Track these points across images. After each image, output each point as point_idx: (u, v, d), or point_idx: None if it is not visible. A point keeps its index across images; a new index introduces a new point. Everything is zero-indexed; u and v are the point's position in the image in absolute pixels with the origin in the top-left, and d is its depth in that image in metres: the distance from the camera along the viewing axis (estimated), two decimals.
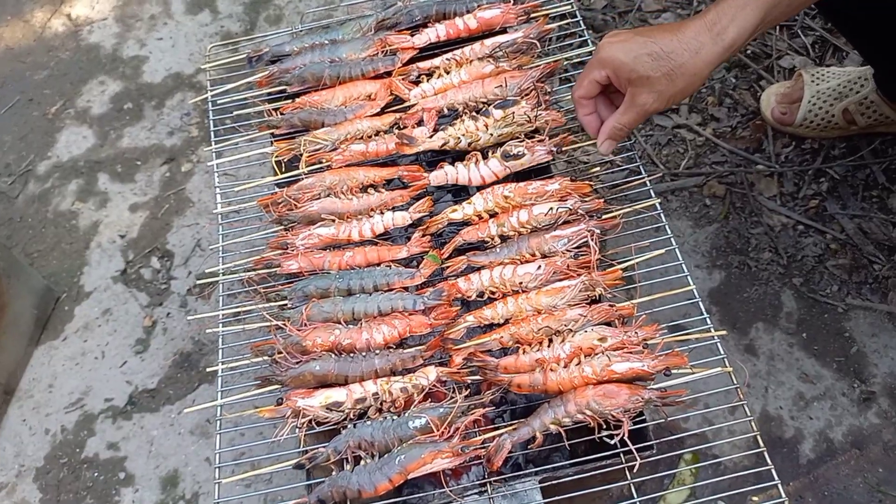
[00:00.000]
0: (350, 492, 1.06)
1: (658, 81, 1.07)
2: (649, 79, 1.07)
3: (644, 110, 1.12)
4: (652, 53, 1.06)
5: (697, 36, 1.04)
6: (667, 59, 1.05)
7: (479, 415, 1.11)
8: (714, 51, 1.04)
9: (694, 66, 1.05)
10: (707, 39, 1.04)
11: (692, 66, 1.05)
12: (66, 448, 1.70)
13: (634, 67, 1.07)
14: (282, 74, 1.49)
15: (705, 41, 1.04)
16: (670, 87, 1.07)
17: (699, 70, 1.06)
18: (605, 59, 1.12)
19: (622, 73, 1.10)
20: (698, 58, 1.04)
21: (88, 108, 2.29)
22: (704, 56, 1.04)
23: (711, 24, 1.04)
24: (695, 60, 1.05)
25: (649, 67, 1.06)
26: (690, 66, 1.05)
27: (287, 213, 1.34)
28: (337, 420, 1.13)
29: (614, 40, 1.11)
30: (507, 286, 1.22)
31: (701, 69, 1.06)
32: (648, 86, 1.08)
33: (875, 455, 1.49)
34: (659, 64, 1.06)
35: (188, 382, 1.74)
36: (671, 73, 1.06)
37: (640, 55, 1.07)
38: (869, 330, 1.62)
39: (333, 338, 1.19)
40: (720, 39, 1.03)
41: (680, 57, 1.05)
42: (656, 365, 1.09)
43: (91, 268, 1.97)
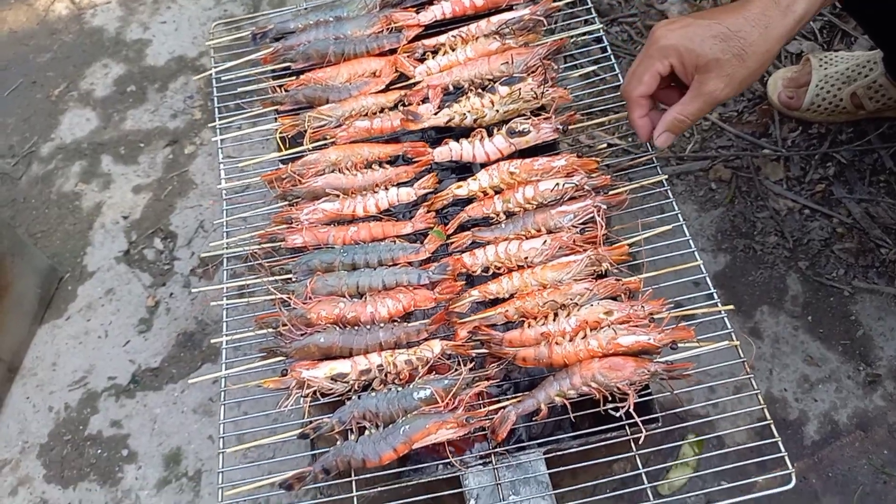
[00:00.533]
0: (355, 461, 1.06)
1: (728, 63, 0.99)
2: (719, 62, 0.99)
3: (713, 98, 1.03)
4: (718, 35, 0.98)
5: (765, 11, 0.97)
6: (736, 38, 0.98)
7: (483, 387, 1.11)
8: (785, 24, 0.97)
9: (765, 44, 0.97)
10: (776, 14, 0.96)
11: (763, 43, 0.97)
12: (70, 425, 1.70)
13: (702, 52, 0.99)
14: (286, 51, 1.48)
15: (774, 16, 0.96)
16: (742, 68, 0.99)
17: (770, 47, 0.98)
18: (668, 48, 1.03)
19: (689, 60, 1.01)
20: (768, 33, 0.97)
21: (92, 91, 2.28)
22: (774, 31, 0.97)
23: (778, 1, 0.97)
24: (765, 37, 0.97)
25: (718, 49, 0.98)
26: (761, 43, 0.97)
27: (291, 188, 1.33)
28: (341, 391, 1.13)
29: (674, 27, 1.03)
30: (512, 261, 1.22)
31: (772, 46, 0.98)
32: (718, 69, 1.00)
33: (880, 437, 1.48)
34: (728, 45, 0.98)
35: (191, 361, 1.74)
36: (742, 52, 0.98)
37: (705, 38, 0.99)
38: (875, 313, 1.61)
39: (338, 311, 1.19)
40: (790, 12, 0.96)
41: (749, 35, 0.97)
42: (662, 338, 1.08)
43: (94, 248, 1.97)
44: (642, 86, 1.08)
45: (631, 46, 2.06)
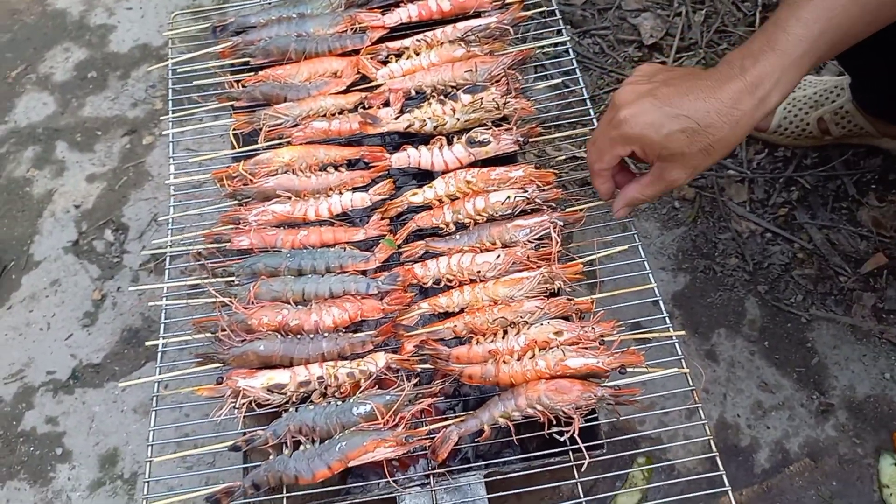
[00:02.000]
0: (287, 477, 1.02)
1: (693, 157, 0.96)
2: (684, 155, 0.96)
3: (674, 185, 1.01)
4: (686, 129, 0.94)
5: (738, 104, 0.91)
6: (704, 134, 0.93)
7: (426, 404, 1.07)
8: (755, 117, 0.92)
9: (733, 137, 0.94)
10: (749, 107, 0.91)
11: (731, 137, 0.94)
12: (3, 420, 1.63)
13: (666, 145, 0.96)
14: (246, 46, 1.44)
15: (746, 109, 0.91)
16: (706, 161, 0.97)
17: (737, 139, 0.95)
18: (632, 137, 0.99)
19: (652, 151, 0.99)
20: (738, 128, 0.93)
21: (51, 75, 2.21)
22: (744, 125, 0.92)
23: (753, 88, 0.90)
24: (734, 131, 0.93)
25: (684, 144, 0.95)
26: (730, 138, 0.94)
27: (242, 187, 1.29)
28: (279, 403, 1.09)
29: (637, 111, 0.98)
30: (464, 274, 1.19)
31: (739, 138, 0.95)
32: (682, 162, 0.97)
33: (830, 468, 1.48)
34: (694, 140, 0.94)
35: (135, 359, 1.68)
36: (708, 148, 0.94)
37: (672, 132, 0.95)
38: (831, 342, 1.60)
39: (281, 318, 1.15)
40: (763, 105, 0.91)
41: (719, 131, 0.93)
42: (611, 362, 1.06)
43: (42, 237, 1.90)
44: (602, 163, 1.07)
45: (602, 59, 2.04)
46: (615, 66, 2.03)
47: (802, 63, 0.90)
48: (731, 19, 2.07)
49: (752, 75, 0.90)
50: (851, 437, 1.50)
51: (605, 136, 1.04)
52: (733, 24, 2.06)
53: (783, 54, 0.89)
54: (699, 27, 2.06)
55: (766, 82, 0.90)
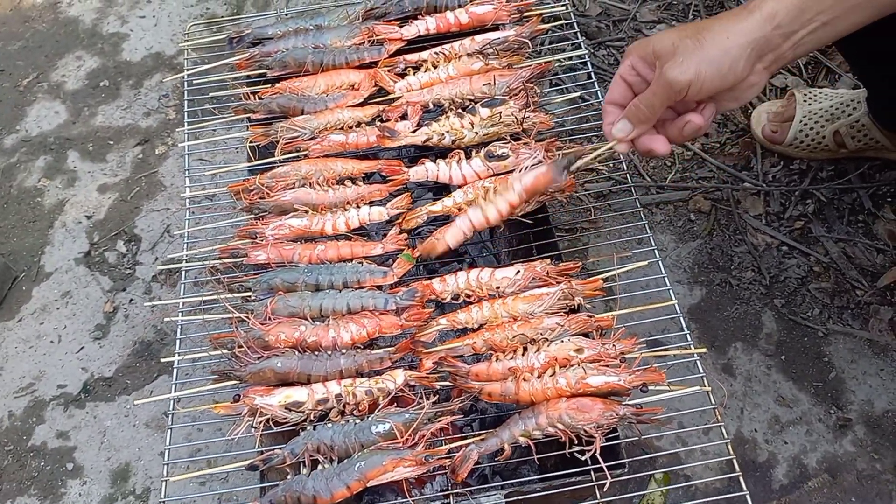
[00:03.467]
0: (305, 497, 1.00)
1: (684, 46, 0.94)
2: (674, 46, 0.95)
3: (674, 84, 0.95)
4: (680, 30, 0.97)
5: (732, 13, 0.94)
6: (695, 29, 0.95)
7: (446, 423, 1.06)
8: (749, 20, 0.92)
9: (725, 32, 0.92)
10: (740, 11, 0.93)
11: (722, 32, 0.92)
12: (13, 435, 1.62)
13: (659, 41, 0.97)
14: (263, 58, 1.43)
15: (738, 13, 0.93)
16: (698, 50, 0.93)
17: (732, 38, 0.92)
18: (630, 49, 1.02)
19: (648, 52, 0.99)
20: (728, 25, 0.92)
21: (63, 83, 2.21)
22: (737, 26, 0.92)
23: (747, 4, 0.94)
24: (725, 27, 0.92)
25: (676, 37, 0.95)
26: (720, 31, 0.93)
27: (259, 201, 1.28)
28: (296, 421, 1.07)
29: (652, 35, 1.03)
30: (483, 290, 1.18)
31: (734, 38, 0.92)
32: (672, 54, 0.95)
33: (848, 483, 1.46)
34: (686, 33, 0.95)
35: (147, 372, 1.67)
36: (697, 35, 0.93)
37: (666, 34, 0.98)
38: (848, 356, 1.59)
39: (298, 334, 1.13)
40: (755, 9, 0.92)
41: (709, 24, 0.94)
42: (633, 380, 1.04)
43: (53, 248, 1.89)
44: (609, 93, 1.07)
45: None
46: None
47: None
48: None
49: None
50: (870, 453, 1.49)
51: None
52: None
53: None
54: None
55: None
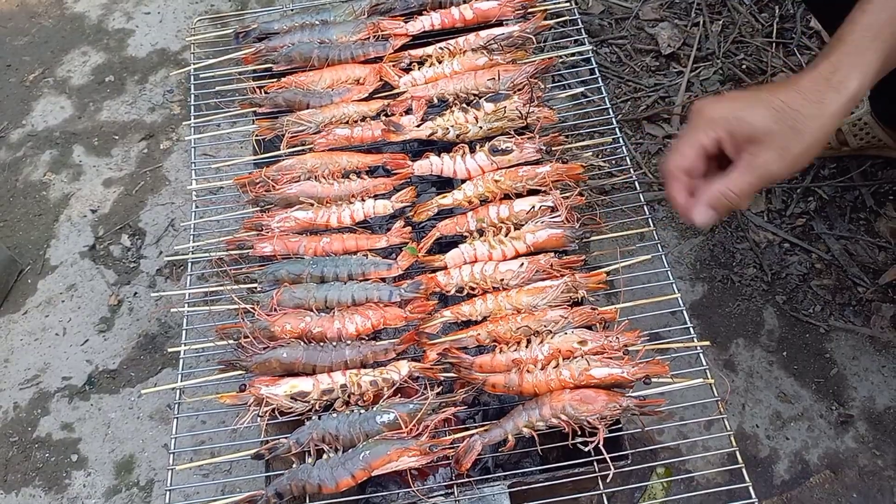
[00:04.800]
0: (310, 486, 1.01)
1: (783, 135, 0.88)
2: (772, 132, 0.89)
3: (767, 172, 0.90)
4: (771, 107, 0.89)
5: (816, 87, 0.88)
6: (790, 110, 0.88)
7: (449, 413, 1.07)
8: (839, 101, 0.88)
9: (821, 118, 0.88)
10: (828, 89, 0.88)
11: (819, 117, 0.88)
12: (18, 426, 1.63)
13: (754, 121, 0.89)
14: (269, 52, 1.44)
15: (826, 91, 0.88)
16: (797, 142, 0.89)
17: (826, 123, 0.89)
18: (715, 119, 0.92)
19: (739, 131, 0.90)
20: (824, 108, 0.88)
21: (68, 79, 2.22)
22: (829, 107, 0.88)
23: (829, 75, 0.88)
24: (821, 111, 0.88)
25: (771, 120, 0.89)
26: (817, 117, 0.88)
27: (264, 194, 1.29)
28: (301, 411, 1.08)
29: (718, 100, 0.93)
30: (487, 282, 1.19)
31: (827, 122, 0.89)
32: (770, 142, 0.89)
33: (850, 480, 1.47)
34: (782, 116, 0.89)
35: (151, 365, 1.68)
36: (797, 125, 0.88)
37: (757, 110, 0.90)
38: (850, 352, 1.59)
39: (304, 325, 1.14)
40: (843, 89, 0.88)
41: (804, 108, 0.88)
42: (636, 372, 1.05)
43: (59, 241, 1.90)
44: (682, 158, 0.94)
45: (619, 68, 2.04)
46: (632, 75, 2.03)
47: (875, 47, 0.88)
48: (749, 30, 2.07)
49: (825, 64, 0.88)
50: (871, 449, 1.49)
51: (687, 131, 0.95)
52: (750, 35, 2.06)
53: (852, 42, 0.89)
54: (716, 37, 2.06)
55: (841, 68, 0.88)
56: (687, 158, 0.93)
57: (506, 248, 1.21)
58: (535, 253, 1.21)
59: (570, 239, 1.20)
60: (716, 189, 0.92)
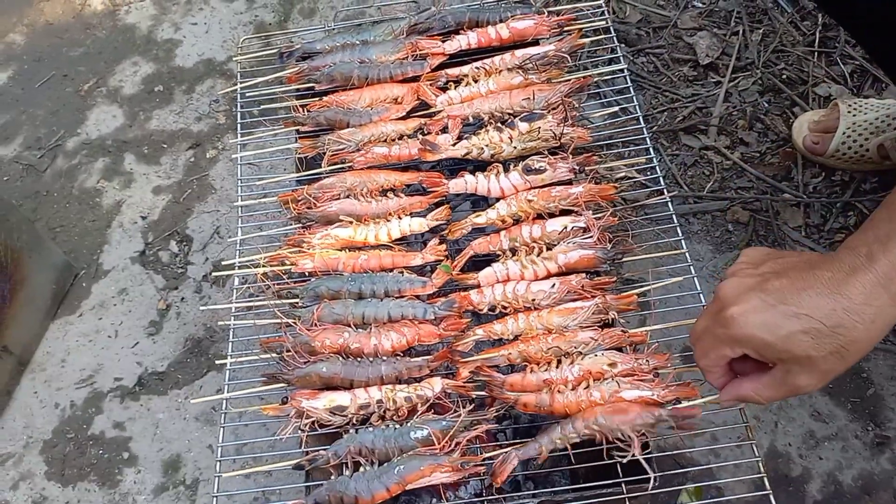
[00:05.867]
0: (347, 497, 1.06)
1: (824, 361, 0.80)
2: (811, 359, 0.80)
3: (800, 391, 0.85)
4: (809, 331, 0.79)
5: (870, 300, 0.77)
6: (832, 335, 0.78)
7: (481, 431, 1.10)
8: (893, 315, 0.78)
9: (868, 338, 0.79)
10: (885, 302, 0.77)
11: (867, 340, 0.79)
12: (74, 423, 1.72)
13: (787, 349, 0.81)
14: (311, 72, 1.49)
15: (883, 305, 0.77)
16: (839, 365, 0.81)
17: (874, 339, 0.79)
18: (742, 339, 0.83)
19: (770, 354, 0.83)
20: (874, 328, 0.78)
21: (120, 88, 2.31)
22: (881, 322, 0.78)
23: (887, 280, 0.76)
24: (869, 331, 0.78)
25: (809, 347, 0.79)
26: (865, 340, 0.79)
27: (306, 211, 1.34)
28: (339, 424, 1.13)
29: (748, 309, 0.82)
30: (519, 302, 1.22)
31: (876, 338, 0.80)
32: (810, 367, 0.81)
33: (885, 502, 1.46)
34: (822, 342, 0.79)
35: (197, 368, 1.75)
36: (840, 350, 0.79)
37: (792, 333, 0.80)
38: (888, 373, 1.58)
39: (342, 340, 1.19)
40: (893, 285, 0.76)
41: (850, 331, 0.77)
42: (666, 395, 1.07)
43: (111, 247, 1.99)
44: (708, 361, 0.91)
45: (656, 78, 2.04)
46: (669, 85, 2.02)
47: None
48: (790, 39, 2.05)
49: (884, 265, 0.76)
50: None
51: (711, 335, 0.89)
52: (791, 44, 2.04)
53: None
54: (756, 47, 2.04)
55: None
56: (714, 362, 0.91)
57: (538, 267, 1.24)
58: (567, 273, 1.24)
59: (601, 260, 1.23)
60: (743, 390, 0.90)
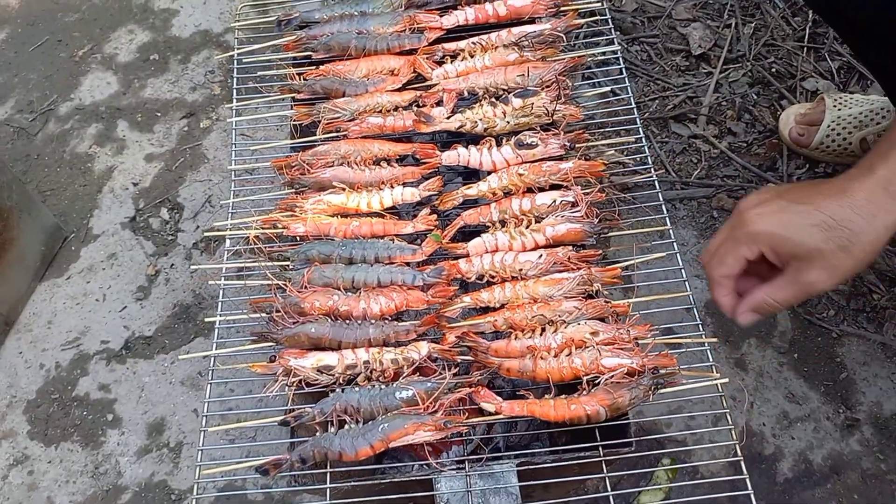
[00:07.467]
0: (331, 453, 1.08)
1: (833, 255, 0.87)
2: (821, 252, 0.87)
3: (813, 289, 0.91)
4: (820, 224, 0.87)
5: (871, 198, 0.85)
6: (839, 228, 0.86)
7: (464, 393, 1.13)
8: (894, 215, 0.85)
9: (874, 233, 0.86)
10: (885, 200, 0.85)
11: (871, 233, 0.86)
12: (59, 384, 1.73)
13: (800, 241, 0.88)
14: (309, 41, 1.50)
15: (882, 202, 0.85)
16: (848, 259, 0.87)
17: (879, 237, 0.86)
18: (759, 234, 0.91)
19: (784, 249, 0.90)
20: (877, 223, 0.85)
21: (115, 56, 2.30)
22: (883, 220, 0.85)
23: (887, 183, 0.85)
24: (873, 226, 0.86)
25: (820, 239, 0.87)
26: (869, 233, 0.86)
27: (299, 176, 1.36)
28: (326, 383, 1.15)
29: (764, 210, 0.91)
30: (506, 271, 1.24)
31: (881, 236, 0.86)
32: (820, 260, 0.88)
33: (853, 482, 1.50)
34: (831, 234, 0.86)
35: (184, 334, 1.76)
36: (847, 244, 0.86)
37: (804, 226, 0.88)
38: (861, 358, 1.62)
39: (332, 303, 1.21)
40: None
41: (855, 225, 0.85)
42: (645, 364, 1.10)
43: (101, 212, 1.99)
44: (724, 267, 0.96)
45: (649, 66, 2.07)
46: (662, 74, 2.05)
47: None
48: (780, 33, 2.09)
49: (883, 171, 0.85)
50: (875, 453, 1.53)
51: (728, 239, 0.95)
52: (782, 39, 2.07)
53: None
54: (747, 40, 2.07)
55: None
56: (730, 268, 0.95)
57: (526, 239, 1.26)
58: (554, 245, 1.26)
59: (588, 234, 1.25)
60: (760, 297, 0.94)
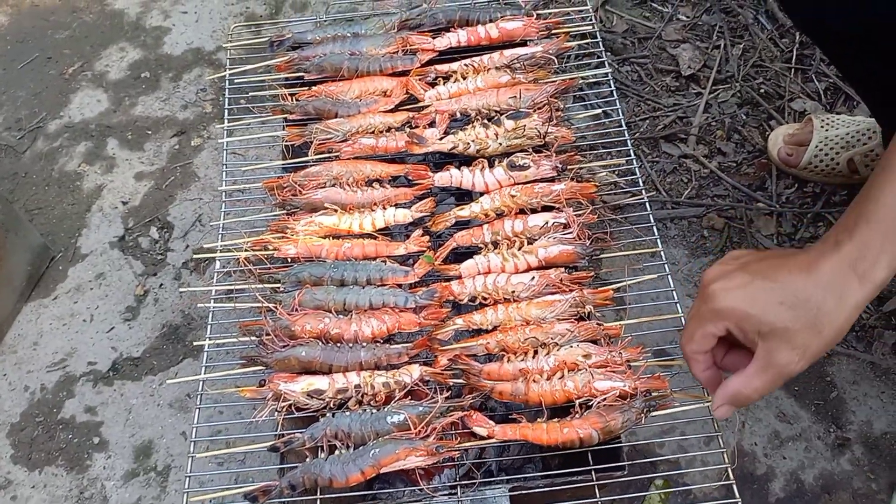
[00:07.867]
0: (322, 479, 1.06)
1: (800, 334, 0.83)
2: (788, 331, 0.83)
3: (787, 372, 0.86)
4: (785, 301, 0.83)
5: (838, 277, 0.82)
6: (805, 307, 0.83)
7: (457, 417, 1.12)
8: (864, 294, 0.82)
9: (843, 313, 0.82)
10: (851, 280, 0.81)
11: (840, 313, 0.82)
12: (44, 407, 1.70)
13: (765, 319, 0.84)
14: (301, 61, 1.50)
15: (849, 282, 0.82)
16: (817, 339, 0.83)
17: (849, 317, 0.83)
18: (724, 311, 0.88)
19: (748, 326, 0.86)
20: (844, 303, 0.82)
21: (105, 73, 2.30)
22: (851, 300, 0.82)
23: (854, 262, 0.81)
24: (841, 307, 0.82)
25: (787, 318, 0.83)
26: (837, 313, 0.82)
27: (291, 198, 1.35)
28: (316, 407, 1.14)
29: (729, 285, 0.88)
30: (499, 293, 1.24)
31: (850, 316, 0.83)
32: (788, 340, 0.84)
33: (844, 501, 1.50)
34: (797, 314, 0.83)
35: (173, 355, 1.75)
36: (816, 323, 0.82)
37: (769, 303, 0.84)
38: (851, 377, 1.63)
39: (323, 325, 1.20)
40: (868, 281, 0.81)
41: (823, 304, 0.82)
42: (637, 386, 1.10)
43: (90, 231, 1.98)
44: (694, 344, 0.94)
45: (639, 87, 2.09)
46: (652, 95, 2.07)
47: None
48: (769, 55, 2.11)
49: (849, 248, 0.82)
50: (866, 472, 1.53)
51: (695, 316, 0.93)
52: (770, 60, 2.10)
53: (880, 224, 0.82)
54: (736, 61, 2.10)
55: (866, 255, 0.81)
56: (699, 345, 0.93)
57: (518, 261, 1.26)
58: (547, 267, 1.26)
59: (580, 255, 1.25)
60: (732, 388, 0.92)
